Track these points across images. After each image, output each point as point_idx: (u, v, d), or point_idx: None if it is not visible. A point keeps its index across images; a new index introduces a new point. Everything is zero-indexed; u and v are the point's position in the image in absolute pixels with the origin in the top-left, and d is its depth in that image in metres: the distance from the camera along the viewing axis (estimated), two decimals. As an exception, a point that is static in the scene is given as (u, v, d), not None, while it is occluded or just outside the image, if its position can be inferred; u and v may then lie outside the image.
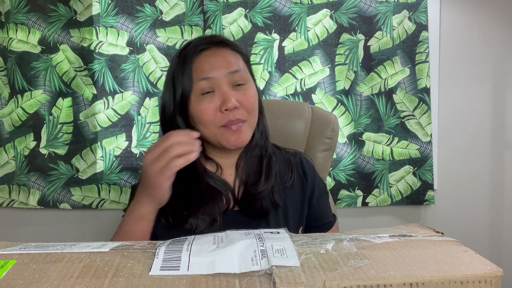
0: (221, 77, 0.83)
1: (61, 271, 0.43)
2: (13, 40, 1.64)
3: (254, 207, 0.87)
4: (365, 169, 1.69)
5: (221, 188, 0.88)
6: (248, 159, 0.92)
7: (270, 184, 0.88)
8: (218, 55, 0.85)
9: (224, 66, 0.84)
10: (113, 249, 0.48)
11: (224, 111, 0.82)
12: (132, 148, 1.69)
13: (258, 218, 0.87)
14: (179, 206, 0.85)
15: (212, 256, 0.46)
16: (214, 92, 0.83)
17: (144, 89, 1.68)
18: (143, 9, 1.66)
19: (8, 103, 1.68)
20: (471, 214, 1.75)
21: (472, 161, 1.74)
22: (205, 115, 0.83)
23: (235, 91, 0.84)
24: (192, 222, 0.83)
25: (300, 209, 0.94)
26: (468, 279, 0.42)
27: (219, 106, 0.82)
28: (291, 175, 0.93)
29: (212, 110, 0.82)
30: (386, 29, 1.65)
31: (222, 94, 0.82)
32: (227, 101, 0.81)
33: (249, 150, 0.92)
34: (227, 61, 0.85)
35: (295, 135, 1.14)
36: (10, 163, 1.69)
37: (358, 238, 0.51)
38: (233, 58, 0.86)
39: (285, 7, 1.66)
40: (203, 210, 0.84)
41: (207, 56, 0.85)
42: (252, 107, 0.85)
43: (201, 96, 0.83)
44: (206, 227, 0.83)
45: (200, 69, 0.84)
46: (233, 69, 0.84)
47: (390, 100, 1.67)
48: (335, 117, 1.21)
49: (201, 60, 0.85)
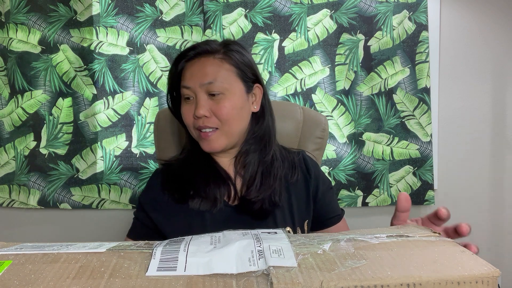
0: (196, 87, 0.89)
1: (57, 271, 0.43)
2: (13, 40, 1.64)
3: (252, 209, 0.90)
4: (365, 169, 1.69)
5: (223, 175, 0.95)
6: (244, 162, 0.96)
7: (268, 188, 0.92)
8: (196, 65, 0.91)
9: (199, 77, 0.89)
10: (109, 250, 0.48)
11: (195, 118, 0.90)
12: (132, 148, 1.69)
13: (259, 218, 0.91)
14: (185, 183, 0.93)
15: (209, 257, 0.46)
16: (193, 99, 0.91)
17: (144, 89, 1.68)
18: (143, 9, 1.66)
19: (8, 103, 1.68)
20: (471, 214, 1.75)
21: (472, 161, 1.74)
22: (185, 118, 0.93)
23: (210, 100, 0.89)
24: (197, 201, 0.90)
25: (305, 204, 0.97)
26: (465, 280, 0.41)
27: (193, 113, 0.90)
28: (294, 172, 0.97)
29: (189, 115, 0.91)
30: (386, 29, 1.65)
31: (196, 102, 0.90)
32: (197, 109, 0.88)
33: (243, 153, 0.96)
34: (203, 72, 0.89)
35: (288, 135, 1.19)
36: (10, 163, 1.70)
37: (356, 238, 0.51)
38: (212, 69, 0.89)
39: (285, 7, 1.65)
40: (207, 190, 0.91)
41: (191, 64, 0.92)
42: (224, 117, 0.89)
43: (184, 100, 0.92)
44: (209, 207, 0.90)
45: (183, 77, 0.92)
46: (207, 80, 0.88)
47: (390, 100, 1.67)
48: (325, 118, 1.25)
49: (185, 68, 0.92)
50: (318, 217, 0.98)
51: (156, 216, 0.94)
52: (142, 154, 1.69)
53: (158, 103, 1.68)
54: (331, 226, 1.00)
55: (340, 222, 1.01)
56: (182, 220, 0.90)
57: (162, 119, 1.22)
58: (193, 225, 0.89)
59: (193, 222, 0.90)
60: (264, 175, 0.93)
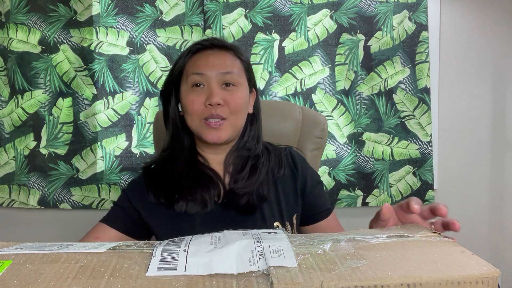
0: (213, 76, 0.89)
1: (57, 271, 0.43)
2: (13, 40, 1.64)
3: (240, 203, 0.91)
4: (365, 169, 1.69)
5: (211, 176, 0.94)
6: (235, 158, 0.97)
7: (255, 181, 0.93)
8: (216, 55, 0.92)
9: (217, 66, 0.90)
10: (110, 250, 0.48)
11: (207, 105, 0.88)
12: (132, 148, 1.69)
13: (247, 213, 0.91)
14: (171, 188, 0.92)
15: (209, 257, 0.46)
16: (204, 87, 0.90)
17: (144, 89, 1.68)
18: (143, 9, 1.66)
19: (8, 103, 1.68)
20: (471, 214, 1.75)
21: (472, 161, 1.74)
22: (192, 106, 0.90)
23: (223, 90, 0.90)
24: (182, 204, 0.89)
25: (293, 198, 0.98)
26: (465, 280, 0.41)
27: (204, 100, 0.89)
28: (281, 167, 0.98)
29: (199, 102, 0.89)
30: (386, 29, 1.65)
31: (210, 90, 0.89)
32: (212, 97, 0.87)
33: (237, 149, 0.97)
34: (223, 62, 0.91)
35: (287, 135, 1.20)
36: (10, 163, 1.69)
37: (356, 238, 0.51)
38: (230, 61, 0.93)
39: (285, 7, 1.65)
40: (193, 194, 0.90)
41: (206, 55, 0.92)
42: (236, 108, 0.91)
43: (191, 88, 0.91)
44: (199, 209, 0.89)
45: (196, 64, 0.91)
46: (226, 70, 0.90)
47: (390, 100, 1.67)
48: (324, 118, 1.26)
49: (199, 57, 0.92)
50: (307, 212, 0.99)
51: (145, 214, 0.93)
52: (142, 154, 1.69)
53: (158, 103, 1.68)
54: (321, 221, 1.00)
55: (330, 216, 1.02)
56: (170, 222, 0.91)
57: (161, 119, 1.22)
58: (182, 227, 0.90)
59: (181, 224, 0.90)
60: (252, 169, 0.95)
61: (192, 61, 0.93)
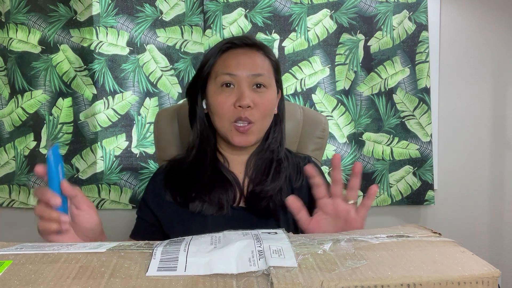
0: (244, 77, 0.88)
1: (57, 271, 0.43)
2: (13, 40, 1.64)
3: (259, 206, 0.90)
4: (365, 169, 1.69)
5: (230, 179, 0.93)
6: (258, 160, 0.96)
7: (278, 185, 0.91)
8: (247, 55, 0.91)
9: (249, 67, 0.88)
10: (110, 250, 0.48)
11: (237, 107, 0.87)
12: (132, 148, 1.69)
13: (264, 217, 0.90)
14: (189, 187, 0.90)
15: (209, 257, 0.46)
16: (234, 88, 0.88)
17: (144, 89, 1.68)
18: (143, 9, 1.66)
19: (8, 103, 1.68)
20: (471, 214, 1.75)
21: (472, 161, 1.74)
22: (221, 107, 0.88)
23: (253, 92, 0.88)
24: (197, 204, 0.88)
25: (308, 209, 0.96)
26: (465, 280, 0.41)
27: (234, 102, 0.87)
28: (299, 177, 0.97)
29: (228, 104, 0.88)
30: (386, 29, 1.65)
31: (240, 92, 0.87)
32: (242, 98, 0.86)
33: (260, 151, 0.96)
34: (254, 63, 0.90)
35: (288, 135, 1.20)
36: (10, 163, 1.69)
37: (356, 238, 0.51)
38: (261, 62, 0.91)
39: (285, 7, 1.65)
40: (211, 195, 0.89)
41: (237, 54, 0.91)
42: (265, 111, 0.90)
43: (221, 88, 0.89)
44: (214, 211, 0.88)
45: (227, 64, 0.89)
46: (257, 72, 0.89)
47: (390, 100, 1.67)
48: (325, 118, 1.25)
49: (230, 56, 0.91)
50: None
51: (160, 213, 0.93)
52: (142, 154, 1.69)
53: (158, 103, 1.68)
54: None
55: None
56: (183, 222, 0.90)
57: (162, 119, 1.22)
58: (193, 227, 0.89)
59: (193, 224, 0.89)
60: (275, 171, 0.93)
61: (222, 60, 0.91)
